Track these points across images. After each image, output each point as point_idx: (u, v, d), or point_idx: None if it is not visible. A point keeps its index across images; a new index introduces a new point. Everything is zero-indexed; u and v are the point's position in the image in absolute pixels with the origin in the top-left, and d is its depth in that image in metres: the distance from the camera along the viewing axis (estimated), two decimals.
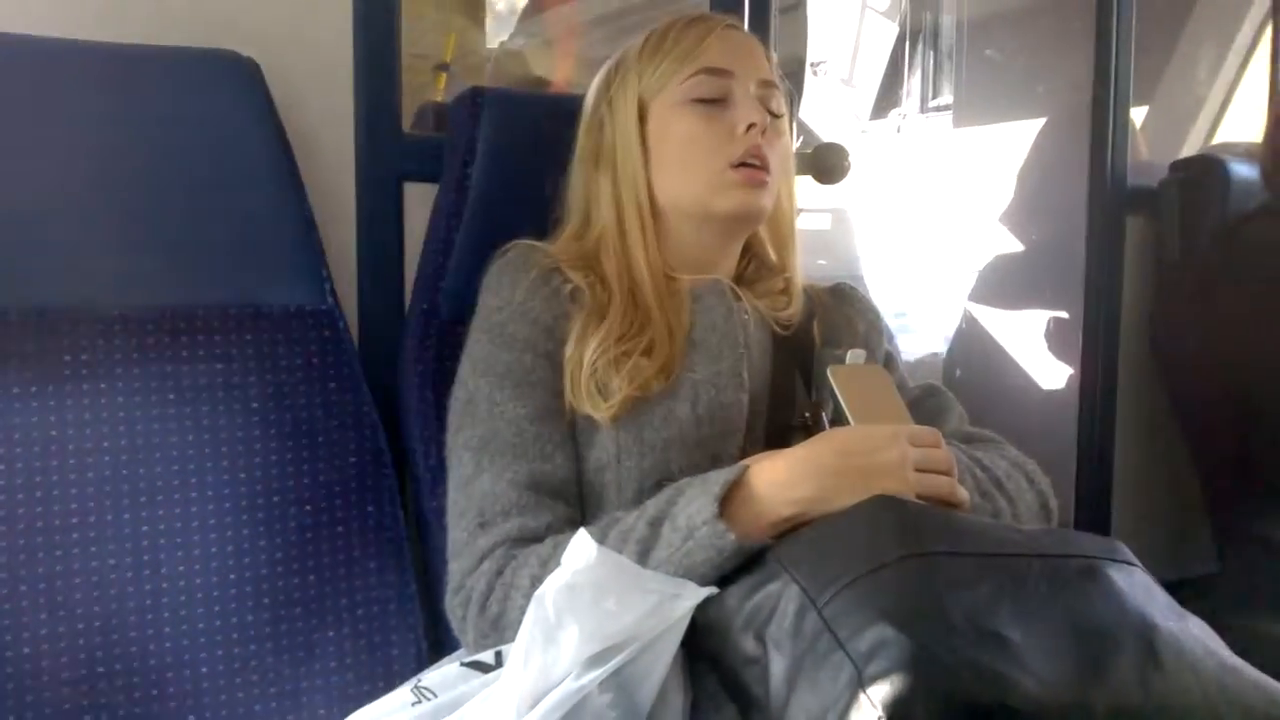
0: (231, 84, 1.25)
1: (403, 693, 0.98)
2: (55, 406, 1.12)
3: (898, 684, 0.71)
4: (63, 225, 1.17)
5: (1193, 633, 0.83)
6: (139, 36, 1.23)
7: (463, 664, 0.98)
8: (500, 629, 1.01)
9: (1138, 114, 2.23)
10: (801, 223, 1.33)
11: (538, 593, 0.84)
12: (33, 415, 1.11)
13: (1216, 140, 2.84)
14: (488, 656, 0.98)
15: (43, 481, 1.10)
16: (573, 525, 1.03)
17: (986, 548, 0.85)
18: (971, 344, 2.53)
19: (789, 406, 1.18)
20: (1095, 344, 2.07)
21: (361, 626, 1.20)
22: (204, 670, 1.13)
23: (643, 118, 1.19)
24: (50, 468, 1.10)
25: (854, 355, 1.12)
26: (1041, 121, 2.46)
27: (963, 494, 0.99)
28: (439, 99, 2.43)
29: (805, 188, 1.73)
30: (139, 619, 1.12)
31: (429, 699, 0.95)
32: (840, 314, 1.28)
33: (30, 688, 1.06)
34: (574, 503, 1.10)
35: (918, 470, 0.97)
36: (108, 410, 1.14)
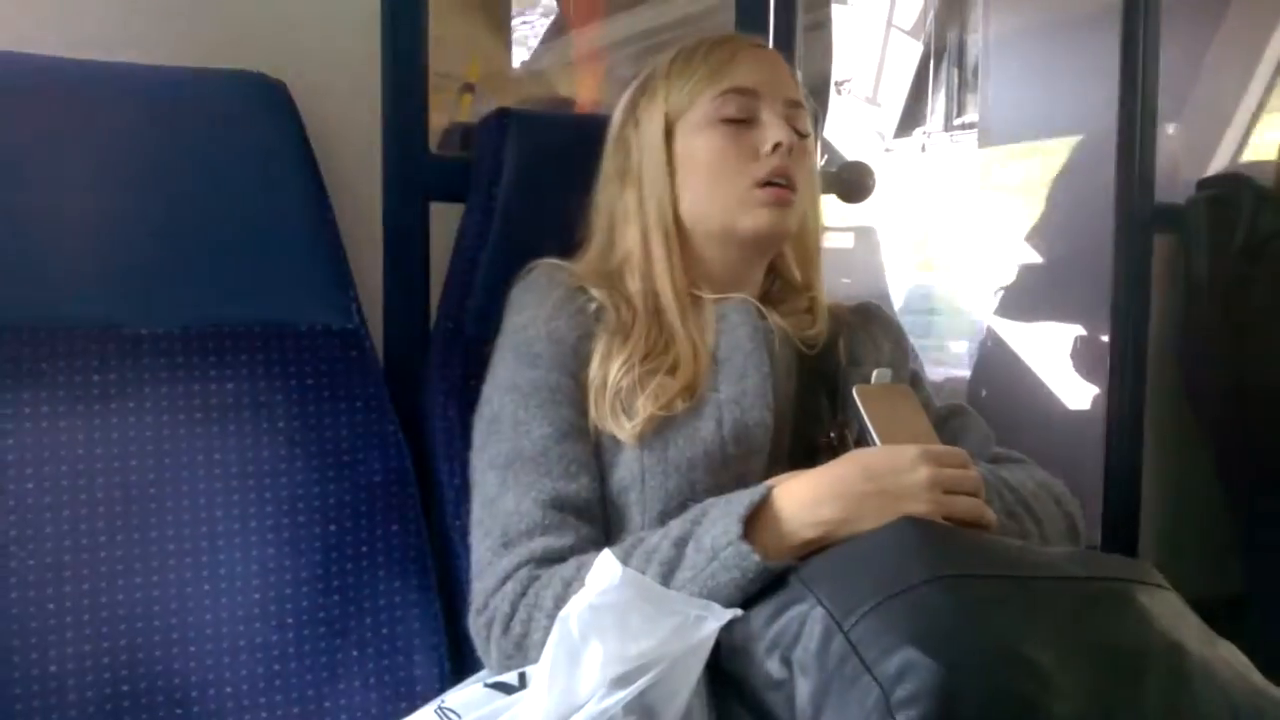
0: (259, 105, 1.26)
1: (426, 713, 0.97)
2: (82, 425, 1.12)
3: (925, 708, 0.70)
4: (91, 245, 1.17)
5: (1223, 656, 0.82)
6: (167, 58, 1.24)
7: (486, 685, 0.97)
8: (524, 650, 1.01)
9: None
10: (826, 241, 1.32)
11: (562, 613, 0.84)
12: (60, 434, 1.11)
13: (1245, 158, 2.82)
14: (511, 678, 0.97)
15: (70, 500, 1.10)
16: (596, 545, 1.03)
17: (1015, 570, 0.84)
18: (997, 364, 2.52)
19: (814, 426, 1.17)
20: (1123, 363, 2.06)
21: (385, 646, 1.20)
22: (228, 690, 1.13)
23: (669, 137, 1.19)
24: (77, 486, 1.11)
25: (880, 375, 1.11)
26: (1067, 139, 2.45)
27: (990, 515, 0.99)
28: (464, 119, 2.44)
29: (829, 206, 1.72)
30: (164, 637, 1.12)
31: None
32: (865, 333, 1.28)
33: (55, 706, 1.06)
34: (598, 523, 1.09)
35: (945, 491, 0.96)
36: (134, 429, 1.14)
